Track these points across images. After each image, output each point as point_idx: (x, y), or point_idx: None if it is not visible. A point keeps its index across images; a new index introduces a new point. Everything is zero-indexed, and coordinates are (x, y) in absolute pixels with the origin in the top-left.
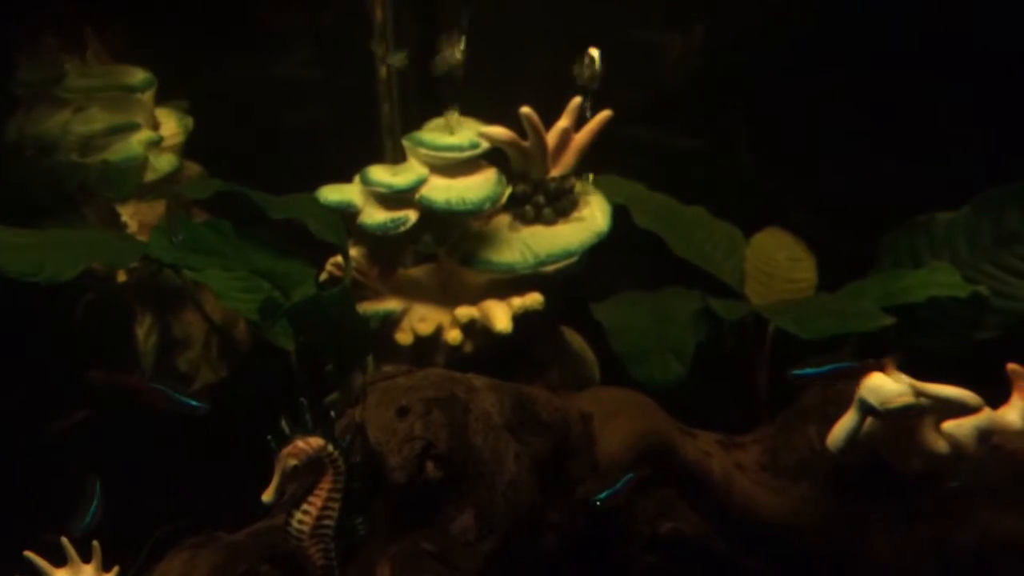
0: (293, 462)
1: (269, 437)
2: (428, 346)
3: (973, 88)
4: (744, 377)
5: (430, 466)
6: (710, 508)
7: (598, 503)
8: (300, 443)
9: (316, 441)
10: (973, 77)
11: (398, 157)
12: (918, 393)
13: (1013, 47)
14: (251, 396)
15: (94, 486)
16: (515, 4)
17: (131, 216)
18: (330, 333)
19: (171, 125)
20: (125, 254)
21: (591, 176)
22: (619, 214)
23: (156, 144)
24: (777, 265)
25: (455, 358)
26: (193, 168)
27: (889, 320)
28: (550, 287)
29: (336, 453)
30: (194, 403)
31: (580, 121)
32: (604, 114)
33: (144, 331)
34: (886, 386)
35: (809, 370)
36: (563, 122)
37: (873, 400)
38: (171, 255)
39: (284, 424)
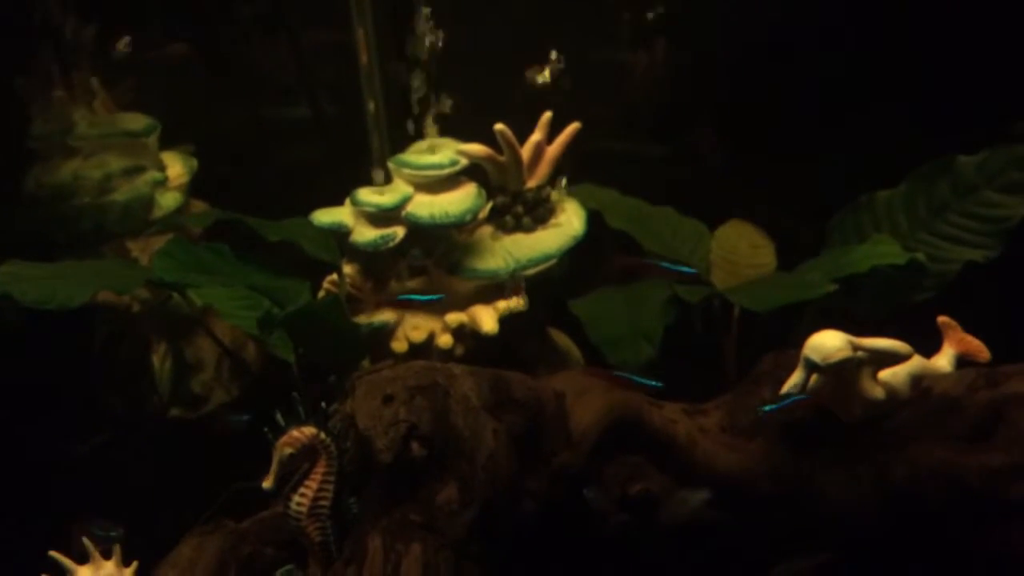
0: (289, 450)
1: (266, 429)
2: (422, 352)
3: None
4: (714, 358)
5: (415, 446)
6: (676, 468)
7: None
8: (295, 432)
9: (309, 430)
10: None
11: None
12: (855, 348)
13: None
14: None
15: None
16: (487, 26)
17: (141, 251)
18: (325, 340)
19: (177, 167)
20: (131, 279)
21: (564, 180)
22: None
23: (161, 183)
24: (740, 252)
25: (448, 362)
26: (199, 206)
27: (832, 287)
28: (535, 290)
29: (328, 440)
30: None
31: None
32: (573, 126)
33: (159, 358)
34: (827, 343)
35: None
36: (536, 136)
37: (816, 357)
38: (174, 275)
39: (279, 417)
